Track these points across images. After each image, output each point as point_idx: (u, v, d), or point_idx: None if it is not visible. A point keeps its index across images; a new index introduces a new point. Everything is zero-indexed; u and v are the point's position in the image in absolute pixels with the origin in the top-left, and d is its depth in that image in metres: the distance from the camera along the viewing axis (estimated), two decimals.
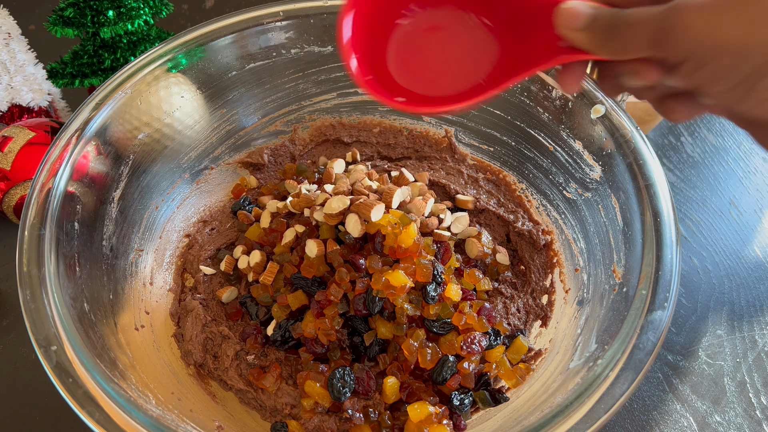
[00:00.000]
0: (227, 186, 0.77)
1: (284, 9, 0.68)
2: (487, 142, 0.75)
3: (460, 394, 0.58)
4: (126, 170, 0.63)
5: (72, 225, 0.56)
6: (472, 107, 0.58)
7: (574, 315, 0.62)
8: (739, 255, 0.83)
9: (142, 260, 0.66)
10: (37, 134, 0.76)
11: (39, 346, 0.47)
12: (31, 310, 0.48)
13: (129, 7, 0.79)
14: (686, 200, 0.88)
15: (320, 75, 0.74)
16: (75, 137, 0.57)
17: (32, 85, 0.84)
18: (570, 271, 0.66)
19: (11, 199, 0.75)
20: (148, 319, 0.63)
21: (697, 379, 0.72)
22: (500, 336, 0.62)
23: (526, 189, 0.73)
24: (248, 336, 0.64)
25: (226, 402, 0.62)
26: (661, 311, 0.49)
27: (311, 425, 0.58)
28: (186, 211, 0.73)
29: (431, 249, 0.62)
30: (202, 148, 0.72)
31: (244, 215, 0.72)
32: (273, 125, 0.77)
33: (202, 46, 0.66)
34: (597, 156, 0.62)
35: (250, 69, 0.70)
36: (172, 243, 0.71)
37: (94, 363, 0.48)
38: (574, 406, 0.46)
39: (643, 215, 0.55)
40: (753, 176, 0.91)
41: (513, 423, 0.51)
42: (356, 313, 0.60)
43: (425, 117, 0.77)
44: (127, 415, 0.45)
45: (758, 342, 0.75)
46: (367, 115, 0.78)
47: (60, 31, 0.78)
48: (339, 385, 0.57)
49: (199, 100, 0.69)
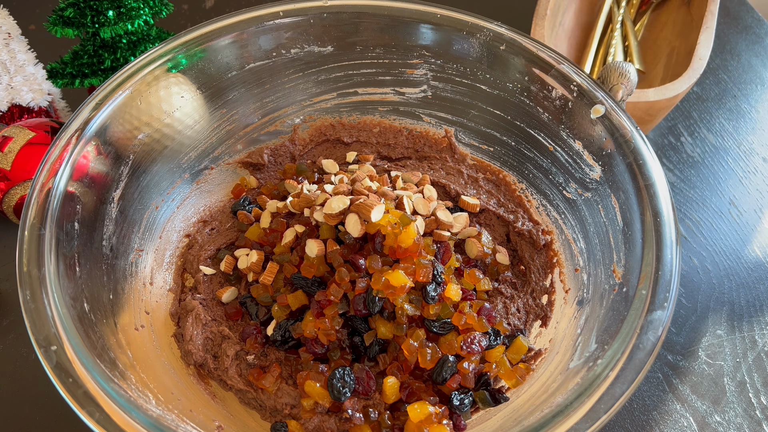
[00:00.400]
0: (227, 186, 0.77)
1: (284, 9, 0.68)
2: (487, 142, 0.75)
3: (460, 394, 0.58)
4: (126, 170, 0.63)
5: (72, 225, 0.56)
6: None
7: (574, 315, 0.62)
8: (739, 255, 0.83)
9: (142, 260, 0.66)
10: (37, 134, 0.76)
11: (39, 346, 0.47)
12: (31, 310, 0.48)
13: (129, 7, 0.79)
14: (686, 200, 0.88)
15: (320, 75, 0.74)
16: (75, 137, 0.57)
17: (32, 85, 0.84)
18: (570, 271, 0.66)
19: (11, 199, 0.75)
20: (148, 319, 0.63)
21: (697, 379, 0.72)
22: (500, 336, 0.62)
23: (526, 189, 0.73)
24: (248, 336, 0.64)
25: (226, 402, 0.62)
26: (661, 311, 0.49)
27: (311, 425, 0.58)
28: (186, 211, 0.73)
29: (431, 249, 0.62)
30: (202, 148, 0.72)
31: (244, 215, 0.72)
32: (273, 125, 0.77)
33: (202, 46, 0.66)
34: (597, 156, 0.62)
35: (250, 69, 0.70)
36: (172, 243, 0.71)
37: (94, 363, 0.47)
38: (574, 406, 0.46)
39: (643, 215, 0.55)
40: (753, 176, 0.91)
41: (513, 423, 0.51)
42: (356, 313, 0.60)
43: (425, 117, 0.77)
44: (127, 415, 0.45)
45: (758, 342, 0.75)
46: (367, 115, 0.78)
47: (60, 31, 0.78)
48: (339, 385, 0.57)
49: (199, 100, 0.69)
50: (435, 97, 0.74)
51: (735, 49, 1.07)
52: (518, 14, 1.03)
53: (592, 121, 0.61)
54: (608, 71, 0.72)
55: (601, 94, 0.61)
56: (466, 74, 0.70)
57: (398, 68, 0.73)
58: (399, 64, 0.72)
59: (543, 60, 0.65)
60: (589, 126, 0.62)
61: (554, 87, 0.64)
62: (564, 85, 0.64)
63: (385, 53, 0.72)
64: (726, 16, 1.10)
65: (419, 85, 0.74)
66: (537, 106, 0.67)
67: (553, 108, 0.65)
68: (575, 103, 0.63)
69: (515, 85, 0.68)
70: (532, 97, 0.67)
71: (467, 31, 0.67)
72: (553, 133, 0.67)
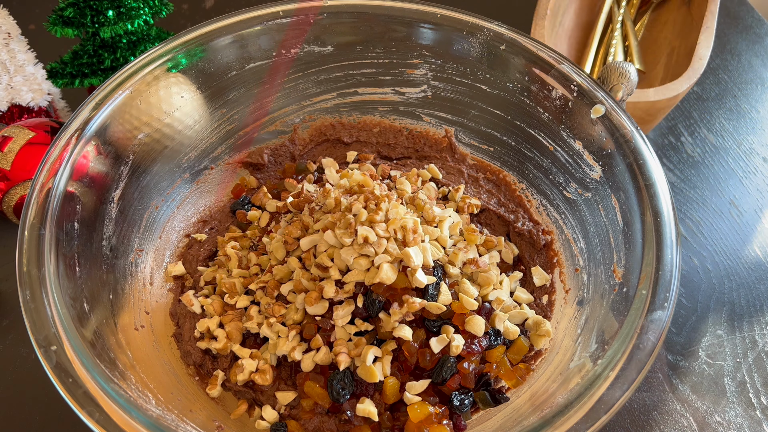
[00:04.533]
0: (227, 186, 0.77)
1: (284, 9, 0.68)
2: (487, 142, 0.75)
3: (460, 395, 0.58)
4: (126, 170, 0.63)
5: (72, 225, 0.56)
6: None
7: (574, 315, 0.62)
8: (739, 255, 0.83)
9: (142, 260, 0.66)
10: (37, 134, 0.76)
11: (39, 346, 0.47)
12: (31, 310, 0.48)
13: (129, 7, 0.79)
14: (686, 200, 0.88)
15: (320, 75, 0.74)
16: (75, 137, 0.57)
17: (32, 85, 0.84)
18: (570, 271, 0.66)
19: (11, 199, 0.75)
20: (148, 319, 0.63)
21: (697, 379, 0.72)
22: (500, 336, 0.62)
23: (526, 189, 0.73)
24: (247, 337, 0.64)
25: (226, 402, 0.62)
26: (661, 311, 0.49)
27: (311, 426, 0.58)
28: (186, 211, 0.73)
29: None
30: (202, 148, 0.72)
31: (242, 214, 0.72)
32: (273, 125, 0.77)
33: (202, 46, 0.66)
34: (597, 156, 0.62)
35: (250, 69, 0.70)
36: (172, 243, 0.71)
37: (94, 363, 0.47)
38: (574, 406, 0.46)
39: (643, 215, 0.55)
40: (753, 176, 0.91)
41: (513, 423, 0.51)
42: (357, 315, 0.60)
43: (425, 117, 0.77)
44: (127, 415, 0.45)
45: (758, 342, 0.75)
46: (367, 114, 0.78)
47: (60, 31, 0.78)
48: (339, 387, 0.57)
49: (199, 100, 0.69)
50: (435, 97, 0.74)
51: (735, 49, 1.07)
52: (518, 14, 1.03)
53: (593, 121, 0.61)
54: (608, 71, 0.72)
55: (602, 94, 0.61)
56: (466, 74, 0.70)
57: (398, 68, 0.73)
58: (399, 64, 0.72)
59: (543, 60, 0.65)
60: (589, 126, 0.62)
61: (554, 87, 0.64)
62: (564, 85, 0.64)
63: (385, 53, 0.72)
64: (726, 16, 1.10)
65: (419, 85, 0.74)
66: (537, 106, 0.67)
67: (554, 108, 0.65)
68: (575, 103, 0.63)
69: (515, 85, 0.68)
70: (533, 97, 0.67)
71: (467, 31, 0.67)
72: (553, 133, 0.67)
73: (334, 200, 0.62)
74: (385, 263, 0.57)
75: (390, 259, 0.58)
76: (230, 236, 0.70)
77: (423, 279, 0.58)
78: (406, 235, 0.58)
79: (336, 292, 0.58)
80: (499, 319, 0.62)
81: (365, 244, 0.57)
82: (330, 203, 0.62)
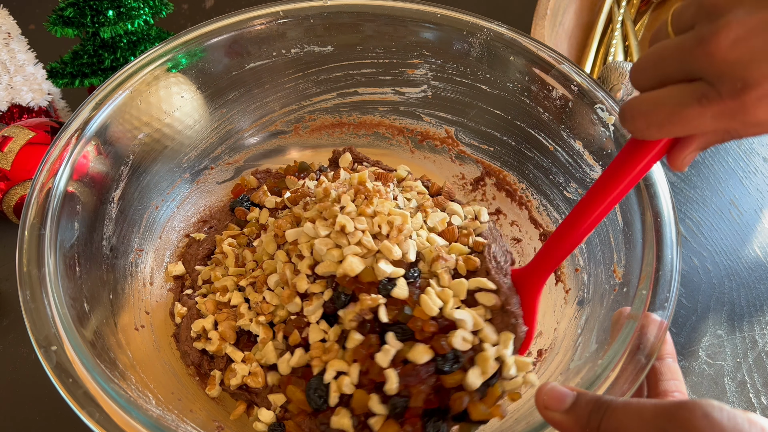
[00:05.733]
0: (227, 186, 0.77)
1: (284, 9, 0.68)
2: (487, 142, 0.75)
3: (435, 421, 0.51)
4: (126, 170, 0.63)
5: (72, 225, 0.56)
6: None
7: (574, 315, 0.62)
8: (740, 255, 0.83)
9: (142, 260, 0.66)
10: (37, 134, 0.76)
11: (39, 346, 0.47)
12: (31, 310, 0.48)
13: (129, 7, 0.79)
14: (686, 200, 0.88)
15: (320, 75, 0.74)
16: (75, 137, 0.57)
17: (32, 85, 0.84)
18: (570, 271, 0.66)
19: (11, 199, 0.75)
20: (148, 319, 0.63)
21: (697, 379, 0.72)
22: (459, 360, 0.51)
23: (527, 189, 0.73)
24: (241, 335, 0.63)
25: (226, 402, 0.62)
26: (661, 311, 0.49)
27: (307, 426, 0.57)
28: (186, 210, 0.73)
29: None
30: (202, 147, 0.72)
31: (241, 211, 0.72)
32: (273, 125, 0.77)
33: (202, 46, 0.66)
34: (597, 156, 0.62)
35: (250, 69, 0.70)
36: (172, 243, 0.71)
37: (94, 363, 0.47)
38: None
39: (644, 215, 0.55)
40: (753, 176, 0.91)
41: (513, 423, 0.51)
42: (325, 310, 0.56)
43: (425, 116, 0.77)
44: (127, 415, 0.45)
45: (758, 342, 0.75)
46: (367, 114, 0.78)
47: (60, 31, 0.78)
48: (316, 396, 0.53)
49: (199, 100, 0.69)
50: (435, 97, 0.74)
51: None
52: (518, 14, 1.03)
53: (593, 120, 0.61)
54: (608, 71, 0.72)
55: (602, 94, 0.61)
56: (466, 74, 0.70)
57: (398, 68, 0.73)
58: (399, 64, 0.72)
59: (543, 60, 0.65)
60: (589, 126, 0.62)
61: (554, 87, 0.64)
62: (564, 84, 0.64)
63: (385, 53, 0.72)
64: None
65: (419, 85, 0.74)
66: (537, 106, 0.67)
67: (554, 108, 0.65)
68: (576, 103, 0.63)
69: (515, 85, 0.68)
70: (533, 97, 0.67)
71: (467, 31, 0.67)
72: (553, 132, 0.67)
73: (323, 190, 0.60)
74: (352, 255, 0.54)
75: (360, 252, 0.54)
76: (228, 234, 0.69)
77: (387, 269, 0.53)
78: (391, 232, 0.55)
79: (308, 284, 0.56)
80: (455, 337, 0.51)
81: (341, 234, 0.54)
82: (319, 192, 0.60)
